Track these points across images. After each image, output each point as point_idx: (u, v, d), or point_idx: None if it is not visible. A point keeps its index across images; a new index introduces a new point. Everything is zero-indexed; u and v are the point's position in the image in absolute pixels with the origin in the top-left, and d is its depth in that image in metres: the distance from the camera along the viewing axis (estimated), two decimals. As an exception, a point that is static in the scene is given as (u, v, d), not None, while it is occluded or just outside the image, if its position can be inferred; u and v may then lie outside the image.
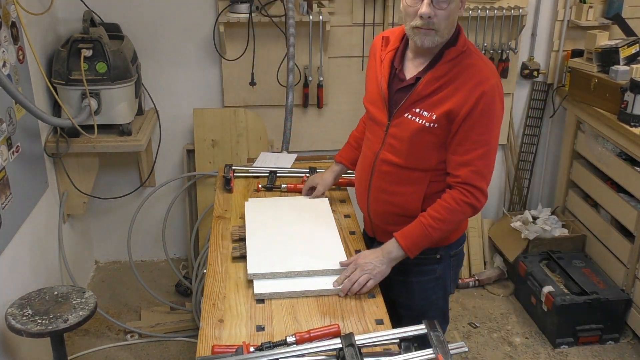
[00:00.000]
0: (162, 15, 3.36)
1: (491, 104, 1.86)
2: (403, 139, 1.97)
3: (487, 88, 1.85)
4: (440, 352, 1.58)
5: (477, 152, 1.89)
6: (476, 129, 1.87)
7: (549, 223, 3.62)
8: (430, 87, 1.91)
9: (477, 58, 1.92)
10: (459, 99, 1.87)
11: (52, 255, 3.14)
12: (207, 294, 1.94)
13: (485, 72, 1.88)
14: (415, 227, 1.95)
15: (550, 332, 3.23)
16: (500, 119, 1.92)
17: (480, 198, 1.92)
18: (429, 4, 1.83)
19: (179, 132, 3.61)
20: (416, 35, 1.89)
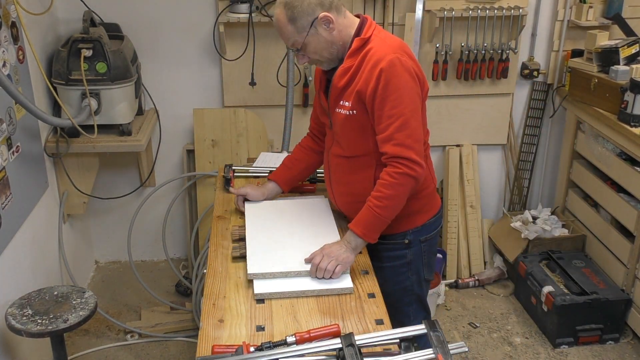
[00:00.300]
0: (162, 15, 3.36)
1: (392, 77, 1.95)
2: (339, 131, 2.14)
3: (385, 65, 1.95)
4: (440, 352, 1.58)
5: (394, 126, 1.97)
6: (386, 104, 1.97)
7: (549, 223, 3.62)
8: (342, 80, 2.05)
9: (379, 40, 2.02)
10: (362, 81, 2.00)
11: (52, 255, 3.14)
12: (207, 294, 1.94)
13: (384, 51, 1.98)
14: (364, 212, 2.03)
15: (550, 332, 3.23)
16: (410, 89, 1.98)
17: (413, 166, 1.98)
18: (296, 55, 2.11)
19: (179, 132, 3.61)
20: None
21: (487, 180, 3.90)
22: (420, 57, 3.49)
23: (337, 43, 2.05)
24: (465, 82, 3.59)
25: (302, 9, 1.98)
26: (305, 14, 1.99)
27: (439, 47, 3.46)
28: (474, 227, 3.76)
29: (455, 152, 3.73)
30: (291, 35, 2.03)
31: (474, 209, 3.75)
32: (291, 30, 2.02)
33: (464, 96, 3.65)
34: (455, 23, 3.40)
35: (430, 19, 3.41)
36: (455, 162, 3.73)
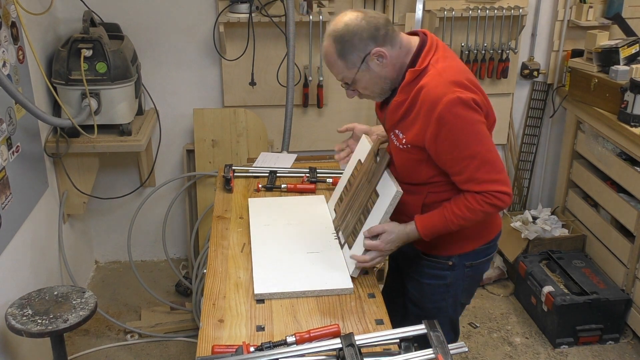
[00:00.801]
0: (162, 15, 3.36)
1: (454, 119, 1.81)
2: (393, 157, 2.03)
3: (442, 108, 1.80)
4: (440, 352, 1.58)
5: (471, 167, 1.86)
6: (455, 149, 1.85)
7: (549, 223, 3.62)
8: (397, 113, 1.93)
9: (435, 74, 1.85)
10: (419, 127, 1.87)
11: (52, 255, 3.14)
12: (207, 294, 1.94)
13: (439, 90, 1.82)
14: (437, 218, 1.95)
15: (550, 332, 3.23)
16: (475, 123, 1.85)
17: (503, 197, 1.88)
18: (346, 89, 1.99)
19: (179, 132, 3.61)
20: None
21: (487, 180, 3.90)
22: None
23: (390, 77, 1.93)
24: (465, 82, 3.58)
25: (352, 44, 1.85)
26: (356, 49, 1.85)
27: (439, 47, 3.46)
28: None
29: (455, 152, 3.73)
30: (341, 70, 1.91)
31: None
32: (341, 66, 1.89)
33: (464, 96, 3.64)
34: (455, 23, 3.40)
35: (430, 19, 3.41)
36: (455, 162, 3.72)
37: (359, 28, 1.84)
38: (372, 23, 1.85)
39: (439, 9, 3.38)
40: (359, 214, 2.09)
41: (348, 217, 2.16)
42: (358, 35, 1.84)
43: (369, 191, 2.08)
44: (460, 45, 3.47)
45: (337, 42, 1.86)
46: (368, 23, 1.85)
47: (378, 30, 1.85)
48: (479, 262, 2.14)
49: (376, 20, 1.87)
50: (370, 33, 1.85)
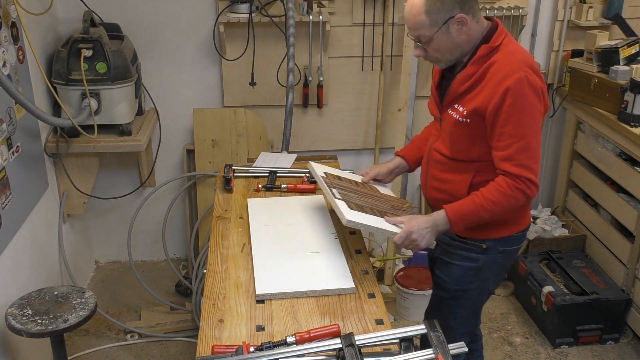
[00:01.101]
0: (162, 15, 3.36)
1: (519, 97, 1.89)
2: (446, 131, 2.09)
3: (511, 83, 1.88)
4: (440, 352, 1.58)
5: (516, 146, 1.92)
6: (509, 123, 1.91)
7: (549, 223, 3.62)
8: (463, 86, 2.00)
9: (507, 53, 1.95)
10: (485, 96, 1.94)
11: (52, 255, 3.14)
12: (207, 294, 1.94)
13: (511, 67, 1.91)
14: (467, 206, 1.99)
15: (550, 332, 3.23)
16: (535, 109, 1.92)
17: (531, 187, 1.94)
18: (416, 47, 2.04)
19: (179, 132, 3.61)
20: None
21: (487, 180, 3.90)
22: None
23: (463, 47, 1.99)
24: (465, 82, 3.58)
25: (443, 3, 1.91)
26: (444, 10, 1.92)
27: (439, 47, 3.46)
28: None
29: (455, 152, 3.73)
30: (421, 26, 1.95)
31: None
32: (423, 21, 1.93)
33: (464, 96, 3.64)
34: (455, 23, 3.40)
35: (430, 19, 3.41)
36: (455, 162, 3.72)
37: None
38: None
39: (439, 9, 3.38)
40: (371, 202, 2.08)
41: (353, 195, 2.15)
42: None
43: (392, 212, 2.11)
44: (460, 45, 3.47)
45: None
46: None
47: None
48: (511, 249, 2.18)
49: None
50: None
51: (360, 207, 2.05)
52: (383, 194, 2.30)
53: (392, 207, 2.15)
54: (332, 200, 2.06)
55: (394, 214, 2.08)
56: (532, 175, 1.94)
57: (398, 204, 2.25)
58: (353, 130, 3.67)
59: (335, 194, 2.10)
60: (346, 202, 2.04)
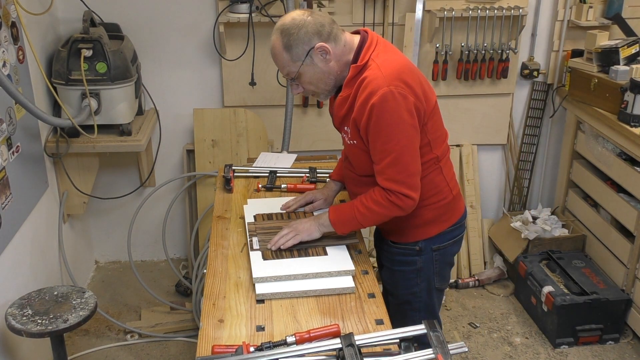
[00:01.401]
0: (162, 15, 3.36)
1: (383, 113, 1.91)
2: (348, 152, 2.17)
3: (376, 100, 1.90)
4: (440, 352, 1.58)
5: (385, 162, 1.97)
6: (378, 139, 1.95)
7: (549, 223, 3.62)
8: (342, 108, 2.03)
9: (375, 68, 1.95)
10: (357, 113, 1.97)
11: (52, 255, 3.14)
12: (207, 294, 1.94)
13: (377, 83, 1.92)
14: (347, 207, 2.09)
15: (550, 332, 3.23)
16: (401, 123, 1.93)
17: (404, 199, 1.99)
18: (291, 85, 2.08)
19: (179, 132, 3.61)
20: None
21: (487, 180, 3.90)
22: (420, 57, 3.49)
23: (334, 73, 2.02)
24: (465, 82, 3.59)
25: (298, 37, 1.94)
26: (301, 43, 1.95)
27: (439, 47, 3.46)
28: (474, 227, 3.76)
29: (455, 152, 3.73)
30: (286, 63, 1.99)
31: (474, 209, 3.75)
32: (286, 59, 1.98)
33: (464, 96, 3.65)
34: (455, 23, 3.40)
35: (430, 19, 3.41)
36: (455, 162, 3.73)
37: (304, 23, 1.95)
38: (318, 20, 1.96)
39: (439, 9, 3.38)
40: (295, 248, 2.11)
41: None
42: (304, 29, 1.94)
43: (318, 243, 2.13)
44: (460, 45, 3.47)
45: (283, 35, 1.96)
46: (314, 20, 1.96)
47: (323, 27, 1.96)
48: (445, 245, 2.21)
49: (322, 18, 1.98)
50: (315, 29, 1.95)
51: (277, 253, 2.07)
52: None
53: (320, 238, 2.14)
54: (250, 253, 2.10)
55: (321, 243, 2.12)
56: (404, 188, 1.97)
57: None
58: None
59: (254, 244, 2.13)
60: (262, 252, 2.08)
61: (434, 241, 2.18)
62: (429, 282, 2.24)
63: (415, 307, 2.27)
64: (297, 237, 2.08)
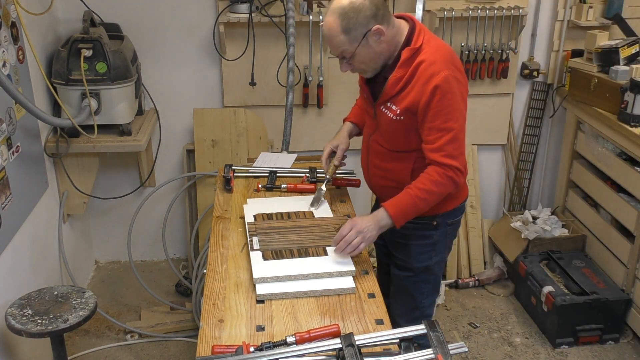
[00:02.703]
0: (162, 15, 3.36)
1: (447, 93, 2.02)
2: (383, 127, 2.22)
3: (439, 81, 2.01)
4: (440, 352, 1.58)
5: (444, 139, 2.05)
6: (438, 118, 2.04)
7: (549, 223, 3.62)
8: (395, 88, 2.11)
9: (431, 52, 2.06)
10: (415, 95, 2.06)
11: (52, 255, 3.14)
12: (207, 294, 1.94)
13: (438, 66, 2.03)
14: (403, 197, 2.10)
15: (550, 332, 3.23)
16: (459, 104, 2.07)
17: (458, 174, 2.08)
18: (342, 64, 2.14)
19: (179, 132, 3.61)
20: None
21: (487, 180, 3.90)
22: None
23: (385, 54, 2.10)
24: (465, 82, 3.58)
25: (357, 20, 2.00)
26: (360, 26, 2.01)
27: (439, 47, 3.46)
28: (474, 227, 3.76)
29: (455, 152, 3.73)
30: (342, 44, 2.05)
31: (474, 209, 3.75)
32: (343, 40, 2.03)
33: (464, 96, 3.64)
34: (455, 23, 3.40)
35: (430, 19, 3.41)
36: (455, 162, 3.73)
37: (363, 6, 2.00)
38: (374, 2, 2.01)
39: (439, 9, 3.38)
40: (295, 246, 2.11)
41: (275, 237, 2.17)
42: (362, 13, 2.00)
43: (319, 243, 2.13)
44: (460, 45, 3.47)
45: (342, 18, 2.00)
46: (371, 2, 2.01)
47: (379, 9, 2.02)
48: (457, 220, 2.36)
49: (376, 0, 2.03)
50: (372, 11, 2.01)
51: (278, 253, 2.07)
52: (319, 220, 2.30)
53: (320, 238, 2.15)
54: (250, 253, 2.10)
55: (321, 243, 2.12)
56: (459, 163, 2.08)
57: (333, 224, 2.24)
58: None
59: (254, 244, 2.12)
60: (263, 252, 2.08)
61: (449, 216, 2.30)
62: (441, 255, 2.37)
63: (427, 279, 2.36)
64: (363, 245, 2.04)
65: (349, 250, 2.03)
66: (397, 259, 2.39)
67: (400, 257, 2.37)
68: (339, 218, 2.31)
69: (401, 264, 2.38)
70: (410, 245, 2.31)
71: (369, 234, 2.05)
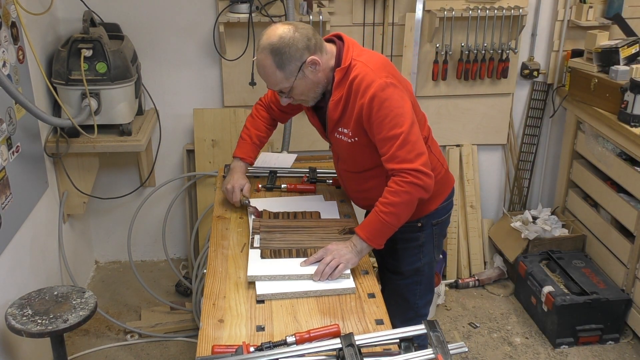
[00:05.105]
0: (162, 15, 3.36)
1: (384, 101, 1.99)
2: (344, 153, 2.22)
3: (373, 91, 1.99)
4: (440, 352, 1.58)
5: (395, 145, 2.01)
6: (384, 127, 2.01)
7: (549, 223, 3.62)
8: (337, 110, 2.10)
9: (362, 65, 2.04)
10: (357, 111, 2.04)
11: (52, 255, 3.14)
12: (207, 294, 1.94)
13: (370, 77, 2.01)
14: (371, 218, 2.06)
15: (550, 332, 3.23)
16: (402, 106, 2.01)
17: (419, 175, 2.00)
18: (281, 97, 2.15)
19: (179, 132, 3.61)
20: None
21: (487, 180, 3.90)
22: (420, 57, 3.49)
23: (322, 82, 2.09)
24: (465, 82, 3.59)
25: (290, 54, 1.98)
26: (293, 59, 2.00)
27: (439, 47, 3.46)
28: (474, 227, 3.76)
29: (455, 152, 3.73)
30: (279, 81, 2.05)
31: (474, 209, 3.75)
32: (279, 77, 2.03)
33: (464, 96, 3.65)
34: (455, 23, 3.40)
35: (430, 19, 3.41)
36: (455, 162, 3.73)
37: (293, 40, 1.99)
38: (304, 34, 2.01)
39: (439, 9, 3.38)
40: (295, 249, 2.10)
41: (277, 236, 2.17)
42: (294, 46, 1.99)
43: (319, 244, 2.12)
44: (460, 45, 3.47)
45: (274, 54, 2.00)
46: (301, 34, 2.00)
47: (310, 40, 2.01)
48: (443, 219, 2.35)
49: (306, 30, 2.02)
50: (304, 43, 2.00)
51: (276, 252, 2.06)
52: (323, 221, 2.29)
53: (321, 239, 2.14)
54: (250, 250, 2.10)
55: (321, 245, 2.09)
56: (417, 164, 2.00)
57: (337, 226, 2.24)
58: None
59: (255, 241, 2.13)
60: (262, 250, 2.07)
61: (433, 216, 2.30)
62: (431, 256, 2.37)
63: (419, 280, 2.37)
64: (342, 266, 1.97)
65: (327, 271, 1.96)
66: (387, 262, 2.41)
67: (390, 261, 2.38)
68: (343, 221, 2.31)
69: (391, 267, 2.39)
70: (398, 249, 2.32)
71: (345, 256, 1.98)
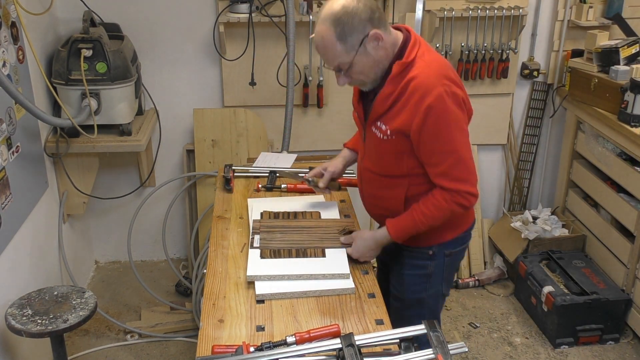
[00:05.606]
0: (162, 15, 3.36)
1: (442, 113, 1.87)
2: (372, 149, 2.08)
3: (432, 100, 1.85)
4: (440, 352, 1.58)
5: (448, 163, 1.93)
6: (438, 140, 1.90)
7: (549, 223, 3.62)
8: (384, 105, 1.95)
9: (424, 66, 1.90)
10: (407, 115, 1.90)
11: (52, 255, 3.14)
12: (207, 294, 1.94)
13: (430, 82, 1.87)
14: (406, 220, 2.02)
15: (550, 332, 3.23)
16: (460, 121, 1.93)
17: (469, 197, 1.97)
18: (338, 76, 1.97)
19: (179, 132, 3.61)
20: None
21: (487, 180, 3.90)
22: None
23: (384, 62, 1.93)
24: (465, 82, 3.58)
25: (352, 25, 1.83)
26: (356, 31, 1.84)
27: (439, 47, 3.46)
28: (474, 227, 3.74)
29: (455, 152, 3.73)
30: (339, 55, 1.88)
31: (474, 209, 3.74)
32: (339, 50, 1.87)
33: (464, 96, 3.64)
34: (455, 23, 3.40)
35: (430, 19, 3.41)
36: (455, 162, 3.72)
37: (357, 10, 1.84)
38: (368, 5, 1.86)
39: (439, 9, 3.38)
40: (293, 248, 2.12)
41: (277, 236, 2.17)
42: (357, 17, 1.84)
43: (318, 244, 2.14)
44: (460, 45, 3.47)
45: (335, 24, 1.84)
46: (365, 5, 1.85)
47: (374, 13, 1.87)
48: (457, 251, 2.20)
49: (371, 2, 1.87)
50: (368, 14, 1.85)
51: (276, 252, 2.07)
52: (323, 221, 2.29)
53: (320, 239, 2.15)
54: (249, 250, 2.11)
55: (321, 245, 2.11)
56: (469, 186, 1.95)
57: (337, 226, 2.24)
58: (353, 130, 3.60)
59: (255, 241, 2.12)
60: (262, 250, 2.08)
61: (447, 246, 2.15)
62: (437, 288, 2.21)
63: (420, 313, 2.20)
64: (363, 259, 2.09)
65: (356, 255, 2.06)
66: (392, 286, 2.27)
67: (394, 285, 2.25)
68: (344, 221, 2.30)
69: (394, 292, 2.26)
70: (404, 274, 2.19)
71: (367, 255, 2.09)
